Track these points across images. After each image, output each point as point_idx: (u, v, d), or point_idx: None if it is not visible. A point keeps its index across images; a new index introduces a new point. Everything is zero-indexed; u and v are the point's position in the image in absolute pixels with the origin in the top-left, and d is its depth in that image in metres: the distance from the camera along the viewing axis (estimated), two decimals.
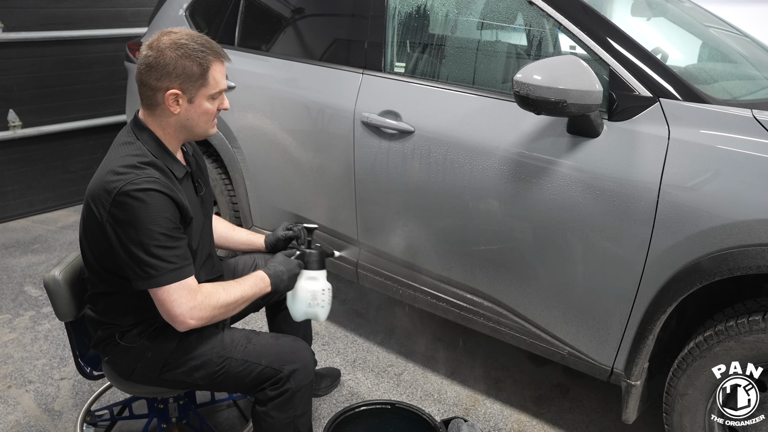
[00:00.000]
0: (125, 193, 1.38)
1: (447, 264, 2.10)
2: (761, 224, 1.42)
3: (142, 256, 1.40)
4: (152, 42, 1.47)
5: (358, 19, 2.27)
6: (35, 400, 2.26)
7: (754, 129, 1.50)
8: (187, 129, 1.54)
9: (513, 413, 2.23)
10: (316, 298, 1.72)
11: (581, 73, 1.52)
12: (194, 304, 1.46)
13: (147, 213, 1.39)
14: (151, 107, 1.51)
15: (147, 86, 1.48)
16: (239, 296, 1.55)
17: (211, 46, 1.50)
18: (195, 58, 1.45)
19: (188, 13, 2.92)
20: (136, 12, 4.18)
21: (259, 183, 2.63)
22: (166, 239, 1.42)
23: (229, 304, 1.53)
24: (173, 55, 1.44)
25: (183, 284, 1.45)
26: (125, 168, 1.42)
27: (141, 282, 1.43)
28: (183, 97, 1.48)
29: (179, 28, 1.51)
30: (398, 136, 2.06)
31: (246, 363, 1.54)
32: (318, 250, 1.78)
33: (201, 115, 1.52)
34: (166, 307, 1.45)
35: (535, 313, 1.92)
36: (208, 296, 1.49)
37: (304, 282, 1.73)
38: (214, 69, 1.49)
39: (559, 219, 1.74)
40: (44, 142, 3.97)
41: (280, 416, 1.55)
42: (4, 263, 3.34)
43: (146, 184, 1.40)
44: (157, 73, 1.45)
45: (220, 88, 1.53)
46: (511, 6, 1.99)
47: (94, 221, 1.45)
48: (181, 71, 1.45)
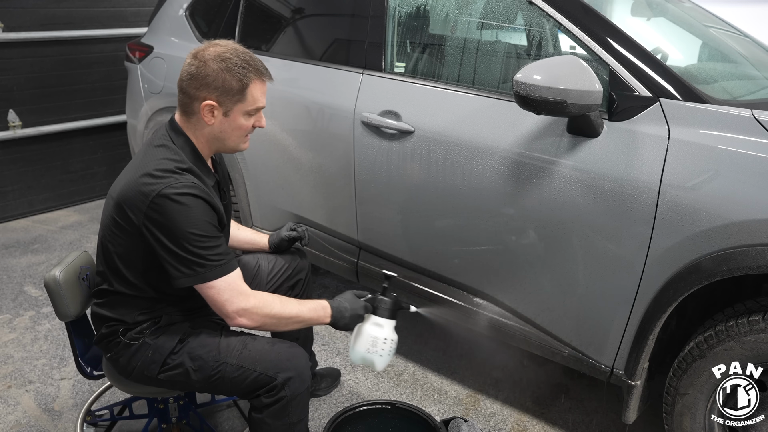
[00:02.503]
0: (165, 195, 1.40)
1: (447, 264, 2.10)
2: (761, 224, 1.42)
3: (186, 255, 1.43)
4: (198, 51, 1.50)
5: (358, 19, 2.27)
6: (35, 400, 2.26)
7: (754, 129, 1.50)
8: (219, 141, 1.56)
9: (513, 413, 2.23)
10: (376, 345, 1.67)
11: (581, 73, 1.52)
12: (246, 306, 1.49)
13: (187, 216, 1.41)
14: (187, 114, 1.54)
15: (185, 94, 1.51)
16: (295, 314, 1.57)
17: (255, 63, 1.52)
18: (236, 73, 1.47)
19: (188, 13, 2.92)
20: (136, 12, 4.18)
21: (259, 183, 2.63)
22: (207, 239, 1.45)
23: (282, 317, 1.55)
24: (215, 67, 1.47)
25: (232, 284, 1.49)
26: (163, 172, 1.43)
27: (185, 279, 1.46)
28: (218, 110, 1.50)
29: (227, 41, 1.54)
30: (398, 136, 2.06)
31: (241, 369, 1.54)
32: (392, 299, 1.71)
33: (234, 130, 1.55)
34: (217, 306, 1.50)
35: (535, 313, 1.92)
36: (263, 303, 1.53)
37: (368, 326, 1.69)
38: (254, 86, 1.51)
39: (559, 219, 1.74)
40: (44, 142, 3.97)
41: (275, 423, 1.55)
42: (4, 263, 3.34)
43: (186, 188, 1.42)
44: (197, 82, 1.48)
45: (257, 106, 1.55)
46: (511, 6, 1.99)
47: (127, 223, 1.47)
48: (220, 84, 1.47)
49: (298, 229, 1.98)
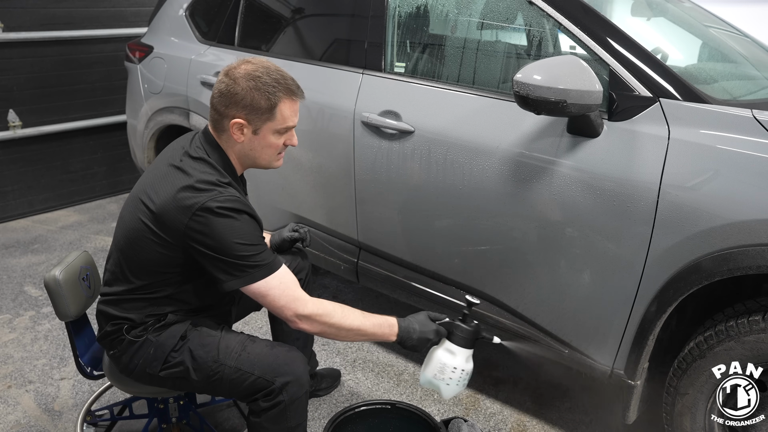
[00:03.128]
0: (208, 209, 1.41)
1: (447, 264, 2.10)
2: (761, 224, 1.42)
3: (233, 261, 1.45)
4: (230, 69, 1.51)
5: (358, 19, 2.27)
6: (35, 400, 2.26)
7: (754, 129, 1.50)
8: (250, 158, 1.58)
9: (513, 413, 2.23)
10: (444, 372, 1.60)
11: (581, 73, 1.52)
12: (305, 312, 1.50)
13: (232, 228, 1.43)
14: (218, 131, 1.55)
15: (216, 111, 1.52)
16: (356, 326, 1.55)
17: (285, 82, 1.52)
18: (265, 92, 1.48)
19: (188, 13, 2.92)
20: (136, 12, 4.18)
21: (259, 183, 2.63)
22: (253, 248, 1.47)
23: (342, 327, 1.54)
24: (245, 85, 1.47)
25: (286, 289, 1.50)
26: (205, 184, 1.45)
27: (235, 282, 1.47)
28: (248, 128, 1.52)
29: (259, 59, 1.55)
30: (398, 136, 2.06)
31: (239, 371, 1.54)
32: (472, 327, 1.62)
33: (264, 148, 1.56)
34: (276, 312, 1.52)
35: (535, 313, 1.92)
36: (322, 311, 1.52)
37: (440, 351, 1.62)
38: (283, 105, 1.51)
39: (559, 219, 1.74)
40: (44, 142, 3.97)
41: (273, 428, 1.54)
42: (4, 263, 3.34)
43: (230, 203, 1.44)
44: (226, 100, 1.49)
45: (288, 125, 1.55)
46: (511, 6, 1.99)
47: (167, 234, 1.47)
48: (249, 102, 1.48)
49: (300, 230, 1.99)
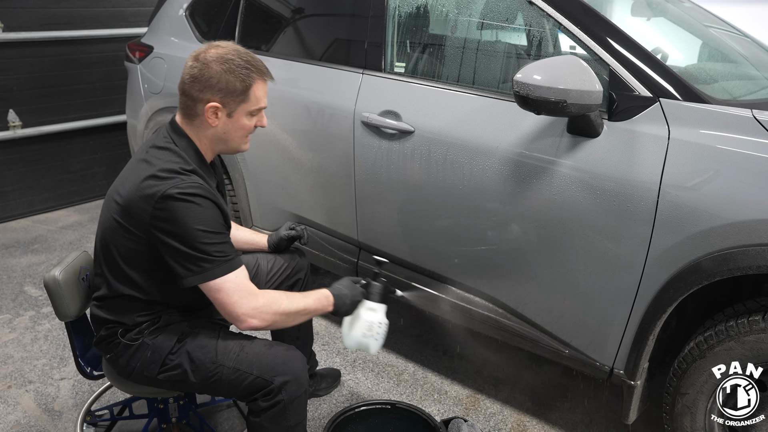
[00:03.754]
0: (170, 196, 1.40)
1: (447, 264, 2.10)
2: (761, 224, 1.42)
3: (192, 253, 1.43)
4: (199, 54, 1.50)
5: (358, 19, 2.27)
6: (35, 400, 2.26)
7: (754, 129, 1.50)
8: (222, 142, 1.57)
9: (513, 413, 2.23)
10: (372, 329, 1.71)
11: (581, 73, 1.52)
12: (255, 306, 1.49)
13: (194, 213, 1.42)
14: (189, 117, 1.54)
15: (188, 96, 1.51)
16: (302, 307, 1.58)
17: (256, 63, 1.53)
18: (239, 74, 1.48)
19: (188, 13, 2.92)
20: (136, 12, 4.18)
21: (259, 183, 2.63)
22: (213, 236, 1.45)
23: (291, 312, 1.55)
24: (218, 69, 1.47)
25: (240, 284, 1.48)
26: (167, 173, 1.44)
27: (193, 278, 1.45)
28: (222, 111, 1.51)
29: (227, 43, 1.55)
30: (398, 136, 2.06)
31: (237, 372, 1.53)
32: (383, 284, 1.77)
33: (237, 130, 1.56)
34: (227, 309, 1.48)
35: (535, 313, 1.92)
36: (271, 301, 1.52)
37: (363, 311, 1.73)
38: (257, 87, 1.53)
39: (559, 219, 1.74)
40: (44, 142, 3.97)
41: (273, 427, 1.54)
42: (4, 263, 3.34)
43: (192, 189, 1.43)
44: (200, 84, 1.48)
45: (260, 106, 1.56)
46: (511, 6, 1.99)
47: (134, 226, 1.47)
48: (224, 86, 1.48)
49: (297, 228, 1.99)
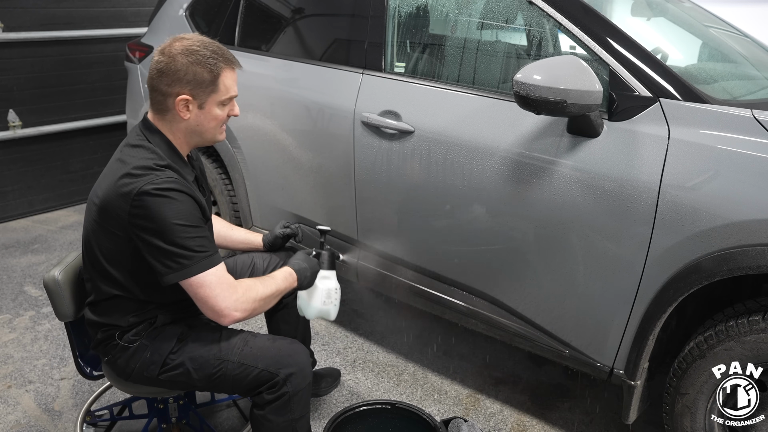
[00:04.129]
0: (145, 192, 1.40)
1: (447, 264, 2.10)
2: (761, 224, 1.42)
3: (172, 249, 1.42)
4: (164, 48, 1.49)
5: (358, 19, 2.27)
6: (35, 400, 2.26)
7: (754, 129, 1.50)
8: (197, 134, 1.56)
9: (513, 413, 2.23)
10: (330, 296, 1.80)
11: (581, 73, 1.52)
12: (237, 297, 1.49)
13: (172, 209, 1.41)
14: (161, 112, 1.53)
15: (158, 91, 1.50)
16: (275, 290, 1.60)
17: (223, 53, 1.52)
18: (206, 64, 1.47)
19: (188, 13, 2.92)
20: (136, 12, 4.18)
21: (259, 183, 2.63)
22: (191, 230, 1.44)
23: (267, 297, 1.58)
24: (185, 61, 1.46)
25: (217, 277, 1.47)
26: (141, 170, 1.43)
27: (174, 275, 1.44)
28: (193, 103, 1.50)
29: (192, 35, 1.53)
30: (398, 136, 2.06)
31: (242, 366, 1.54)
32: (329, 251, 1.85)
33: (210, 121, 1.54)
34: (210, 304, 1.47)
35: (535, 313, 1.92)
36: (248, 290, 1.53)
37: (318, 281, 1.79)
38: (225, 76, 1.51)
39: (559, 219, 1.74)
40: (44, 142, 3.97)
41: (278, 420, 1.55)
42: (4, 263, 3.34)
43: (167, 184, 1.42)
44: (168, 78, 1.47)
45: (231, 95, 1.55)
46: (511, 6, 1.99)
47: (113, 226, 1.46)
48: (192, 77, 1.47)
49: (292, 226, 2.01)
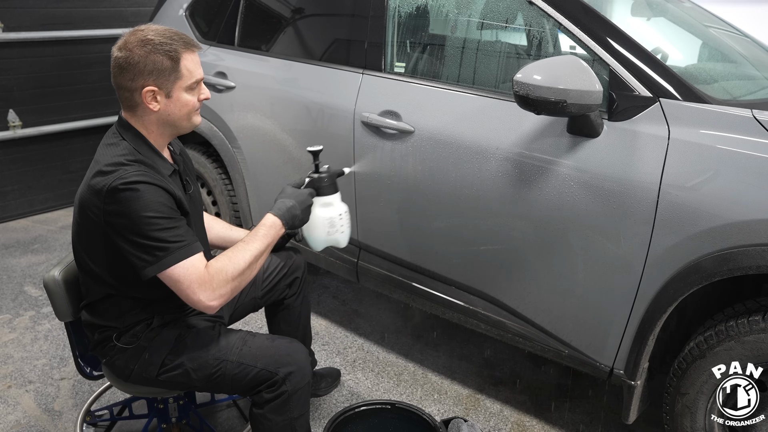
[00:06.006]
0: (115, 188, 1.38)
1: (447, 264, 2.10)
2: (761, 224, 1.42)
3: (146, 242, 1.39)
4: (120, 43, 1.46)
5: (358, 19, 2.27)
6: (35, 400, 2.26)
7: (754, 129, 1.50)
8: (170, 124, 1.52)
9: (513, 413, 2.23)
10: (335, 224, 1.63)
11: (581, 73, 1.52)
12: (210, 285, 1.43)
13: (141, 202, 1.38)
14: (131, 108, 1.50)
15: (123, 88, 1.47)
16: (250, 257, 1.51)
17: (179, 37, 1.48)
18: (164, 51, 1.43)
19: (188, 13, 2.92)
20: (136, 12, 4.18)
21: (259, 183, 2.63)
22: (166, 221, 1.41)
23: (243, 270, 1.49)
24: (141, 52, 1.43)
25: (194, 268, 1.42)
26: (111, 167, 1.41)
27: (150, 268, 1.41)
28: (160, 93, 1.46)
29: (146, 25, 1.50)
30: (398, 136, 2.06)
31: (241, 365, 1.54)
32: (328, 172, 1.64)
33: (181, 108, 1.50)
34: (185, 294, 1.43)
35: (535, 313, 1.92)
36: (218, 272, 1.45)
37: (319, 210, 1.62)
38: (186, 59, 1.47)
39: (559, 219, 1.74)
40: (44, 142, 3.97)
41: (277, 419, 1.55)
42: (4, 263, 3.34)
43: (135, 177, 1.39)
44: (129, 73, 1.44)
45: (196, 78, 1.50)
46: (511, 6, 1.99)
47: (91, 224, 1.46)
48: (153, 67, 1.43)
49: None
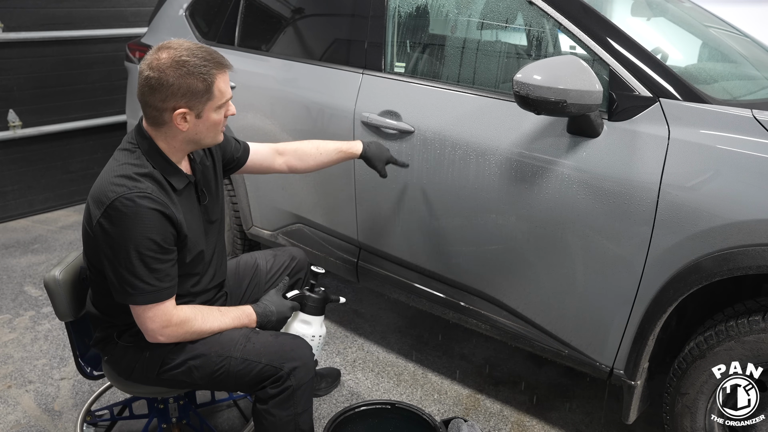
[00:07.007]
0: (116, 206, 1.38)
1: (447, 264, 2.10)
2: (761, 224, 1.42)
3: (123, 273, 1.41)
4: (152, 61, 1.42)
5: (358, 19, 2.27)
6: (35, 400, 2.26)
7: (754, 129, 1.50)
8: (195, 142, 1.53)
9: (513, 413, 2.23)
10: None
11: (581, 73, 1.52)
12: (167, 325, 1.48)
13: (134, 230, 1.38)
14: (156, 124, 1.48)
15: (152, 107, 1.44)
16: (216, 327, 1.57)
17: (213, 57, 1.45)
18: (198, 74, 1.41)
19: (188, 13, 2.92)
20: (136, 12, 4.18)
21: (259, 183, 2.63)
22: (150, 260, 1.41)
23: (204, 332, 1.55)
24: (175, 74, 1.40)
25: (161, 312, 1.47)
26: (121, 178, 1.41)
27: (118, 295, 1.46)
28: (191, 114, 1.45)
29: (177, 42, 1.46)
30: (398, 136, 2.06)
31: (246, 362, 1.54)
32: (320, 295, 1.74)
33: (210, 128, 1.51)
34: (140, 320, 1.49)
35: (535, 313, 1.92)
36: (184, 323, 1.51)
37: (296, 324, 1.71)
38: (219, 81, 1.46)
39: (559, 219, 1.74)
40: (44, 142, 3.97)
41: (281, 414, 1.55)
42: (4, 263, 3.34)
43: (138, 198, 1.38)
44: (161, 94, 1.41)
45: (226, 98, 1.50)
46: (511, 6, 1.99)
47: (88, 225, 1.47)
48: (186, 90, 1.41)
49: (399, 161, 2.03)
